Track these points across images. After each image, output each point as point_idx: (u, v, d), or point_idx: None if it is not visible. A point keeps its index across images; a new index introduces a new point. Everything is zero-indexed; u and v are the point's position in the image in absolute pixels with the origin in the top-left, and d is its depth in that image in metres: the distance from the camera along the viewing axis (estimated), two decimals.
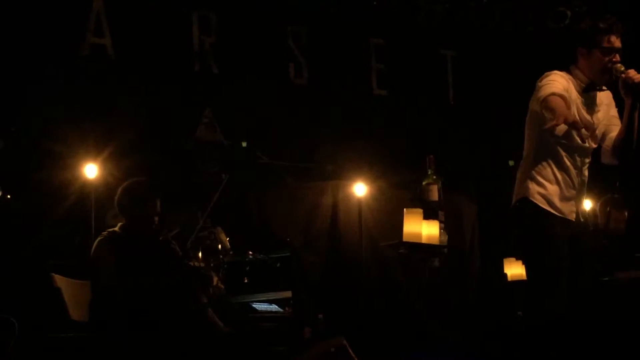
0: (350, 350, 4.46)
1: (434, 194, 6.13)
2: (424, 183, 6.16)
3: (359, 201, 7.07)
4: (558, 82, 4.09)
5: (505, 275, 7.07)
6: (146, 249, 4.68)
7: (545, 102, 3.97)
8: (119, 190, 4.80)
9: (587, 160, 4.33)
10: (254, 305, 5.64)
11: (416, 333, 6.68)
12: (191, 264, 4.80)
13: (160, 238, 4.84)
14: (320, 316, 5.87)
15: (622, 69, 4.10)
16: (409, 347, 5.96)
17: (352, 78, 7.36)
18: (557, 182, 4.23)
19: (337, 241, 7.08)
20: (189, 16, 6.68)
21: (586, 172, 4.33)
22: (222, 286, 5.03)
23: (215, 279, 4.90)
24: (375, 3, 7.36)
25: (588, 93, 4.25)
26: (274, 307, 5.68)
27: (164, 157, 6.21)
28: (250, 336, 4.95)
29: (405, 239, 5.82)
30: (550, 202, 4.20)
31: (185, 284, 4.67)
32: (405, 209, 5.87)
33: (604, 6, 6.78)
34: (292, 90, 7.06)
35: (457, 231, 7.47)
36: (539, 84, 4.15)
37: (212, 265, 4.99)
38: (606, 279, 5.64)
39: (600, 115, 4.31)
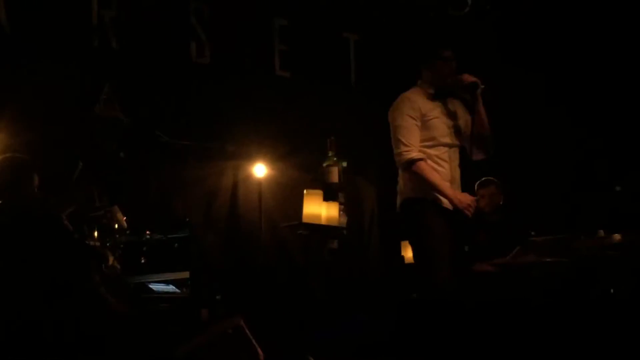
0: (247, 331, 4.47)
1: (334, 175, 6.19)
2: (324, 165, 6.19)
3: (259, 182, 7.06)
4: (407, 118, 4.78)
5: (402, 257, 7.19)
6: (33, 228, 4.54)
7: (417, 170, 4.69)
8: None
9: (457, 155, 4.92)
10: (150, 286, 5.58)
11: (316, 313, 6.73)
12: (86, 242, 4.70)
13: (50, 215, 4.70)
14: (218, 297, 5.84)
15: (459, 77, 4.81)
16: (309, 327, 6.00)
17: (255, 58, 7.32)
18: None
19: (237, 222, 7.06)
20: None
21: (458, 167, 4.90)
22: (118, 266, 4.95)
23: (111, 259, 4.82)
24: None
25: (439, 99, 4.88)
26: (171, 288, 5.63)
27: (60, 134, 6.05)
28: (145, 317, 4.89)
29: (305, 220, 5.86)
30: (430, 194, 4.71)
31: (78, 262, 4.57)
32: (305, 190, 5.90)
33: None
34: (194, 69, 6.97)
35: (357, 213, 7.55)
36: (392, 116, 4.90)
37: (107, 244, 4.91)
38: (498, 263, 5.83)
39: (460, 116, 4.93)
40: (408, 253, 7.12)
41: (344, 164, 6.60)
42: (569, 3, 7.40)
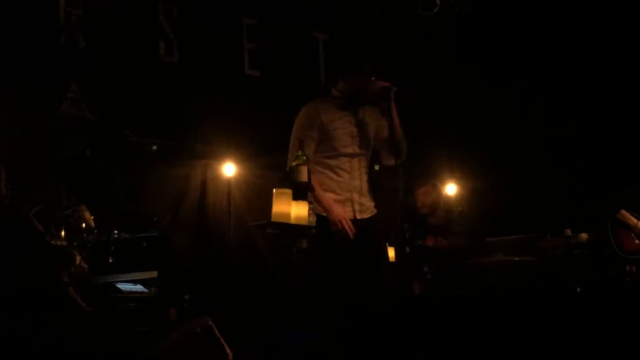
0: (216, 331, 4.45)
1: (304, 175, 6.15)
2: (293, 164, 6.17)
3: (229, 181, 7.04)
4: (302, 130, 4.84)
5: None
6: (3, 231, 4.50)
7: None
8: None
9: (364, 164, 4.86)
10: (118, 286, 5.54)
11: (285, 312, 6.72)
12: (53, 242, 4.66)
13: (20, 217, 4.67)
14: (187, 297, 5.82)
15: (372, 84, 4.72)
16: (279, 327, 5.99)
17: (224, 58, 7.30)
18: (332, 189, 4.83)
19: (206, 221, 7.04)
20: None
21: (365, 175, 4.86)
22: (86, 265, 4.92)
23: (78, 258, 4.78)
24: None
25: (348, 108, 4.83)
26: (139, 288, 5.60)
27: (26, 132, 6.00)
28: (113, 316, 4.86)
29: (273, 219, 5.82)
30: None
31: (46, 263, 4.53)
32: (274, 189, 5.88)
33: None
34: (162, 68, 6.93)
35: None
36: (294, 124, 4.91)
37: (75, 244, 4.87)
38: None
39: (369, 123, 4.86)
40: (391, 252, 7.14)
41: None
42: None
